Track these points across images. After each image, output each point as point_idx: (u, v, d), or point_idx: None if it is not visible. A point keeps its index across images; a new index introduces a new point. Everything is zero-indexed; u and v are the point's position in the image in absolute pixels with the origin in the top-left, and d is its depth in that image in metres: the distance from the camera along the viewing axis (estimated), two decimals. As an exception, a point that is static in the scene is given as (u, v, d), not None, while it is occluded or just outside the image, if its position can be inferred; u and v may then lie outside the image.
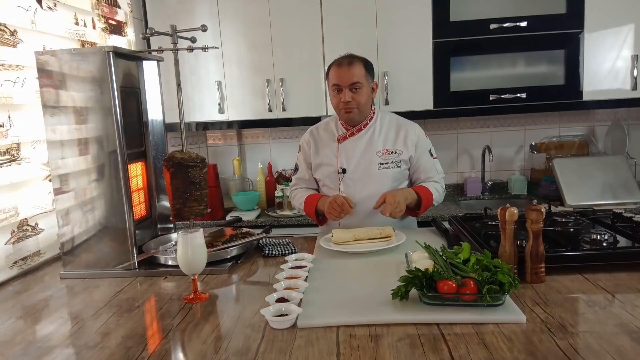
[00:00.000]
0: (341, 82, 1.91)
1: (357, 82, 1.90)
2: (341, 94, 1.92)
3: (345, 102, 1.91)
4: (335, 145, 2.03)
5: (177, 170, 1.67)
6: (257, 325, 1.20)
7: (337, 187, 2.02)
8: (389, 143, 2.01)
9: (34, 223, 1.87)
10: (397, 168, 1.99)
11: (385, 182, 1.98)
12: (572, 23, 2.73)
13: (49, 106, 1.67)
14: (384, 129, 2.03)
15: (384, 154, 1.99)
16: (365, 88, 1.93)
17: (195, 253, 1.36)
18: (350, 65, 1.91)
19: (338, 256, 1.67)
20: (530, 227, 1.37)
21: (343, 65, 1.92)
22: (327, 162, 2.04)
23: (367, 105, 1.98)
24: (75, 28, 2.21)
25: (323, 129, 2.10)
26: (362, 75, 1.92)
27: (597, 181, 2.76)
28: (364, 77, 1.92)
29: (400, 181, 2.04)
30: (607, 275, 1.40)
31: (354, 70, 1.90)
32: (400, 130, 2.03)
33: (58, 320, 1.35)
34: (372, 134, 2.02)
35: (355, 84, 1.90)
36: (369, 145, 2.00)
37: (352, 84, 1.90)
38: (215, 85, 2.95)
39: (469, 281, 1.18)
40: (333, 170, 2.02)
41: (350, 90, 1.90)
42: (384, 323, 1.15)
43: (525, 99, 2.80)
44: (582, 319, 1.14)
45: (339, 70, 1.92)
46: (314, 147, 2.08)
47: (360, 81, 1.91)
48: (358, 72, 1.91)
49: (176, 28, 1.69)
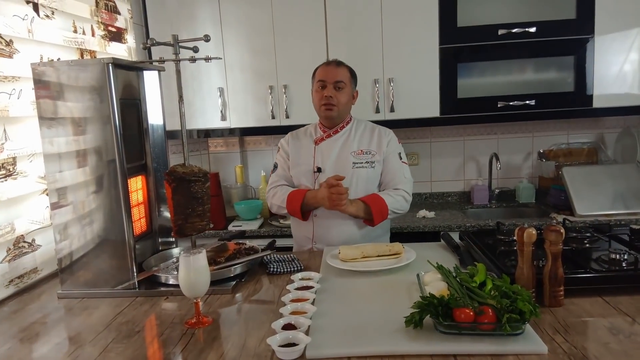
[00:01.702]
0: (327, 78, 2.00)
1: (341, 80, 2.00)
2: (324, 90, 2.00)
3: (327, 96, 1.98)
4: (312, 146, 2.11)
5: (178, 185, 1.61)
6: (264, 355, 1.14)
7: (313, 185, 2.07)
8: (364, 144, 2.08)
9: (30, 239, 1.81)
10: (370, 168, 2.05)
11: (359, 180, 2.04)
12: (582, 28, 2.67)
13: (45, 118, 1.61)
14: (360, 131, 2.12)
15: (358, 154, 2.06)
16: (347, 89, 2.03)
17: (198, 276, 1.30)
18: (338, 66, 2.04)
19: (346, 275, 1.61)
20: (549, 249, 1.30)
21: (331, 64, 2.05)
22: (304, 162, 2.10)
23: (347, 107, 2.07)
24: (73, 36, 2.15)
25: (302, 133, 2.19)
26: (347, 77, 2.03)
27: (607, 190, 2.69)
28: (348, 80, 2.04)
29: (374, 182, 2.09)
30: (628, 299, 1.34)
31: (340, 71, 2.02)
32: (374, 132, 2.12)
33: (55, 345, 1.29)
34: (348, 136, 2.10)
35: (339, 83, 2.00)
36: (344, 146, 2.08)
37: (337, 81, 1.99)
38: (217, 92, 2.89)
39: (487, 309, 1.12)
40: (309, 170, 2.08)
41: (334, 87, 1.99)
42: (398, 354, 1.09)
43: (534, 105, 2.74)
44: (607, 350, 1.08)
45: (327, 68, 2.03)
46: (292, 147, 2.15)
47: (344, 81, 2.01)
48: (343, 74, 2.02)
49: (178, 38, 1.63)
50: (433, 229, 2.64)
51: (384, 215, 1.96)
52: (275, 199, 2.10)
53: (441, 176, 3.27)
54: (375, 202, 1.95)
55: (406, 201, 2.04)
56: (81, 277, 1.65)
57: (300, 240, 2.18)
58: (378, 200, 1.96)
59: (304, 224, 2.09)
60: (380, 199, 1.97)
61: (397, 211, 2.00)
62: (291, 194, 2.03)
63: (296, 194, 2.02)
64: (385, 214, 1.96)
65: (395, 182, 2.05)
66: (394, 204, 1.98)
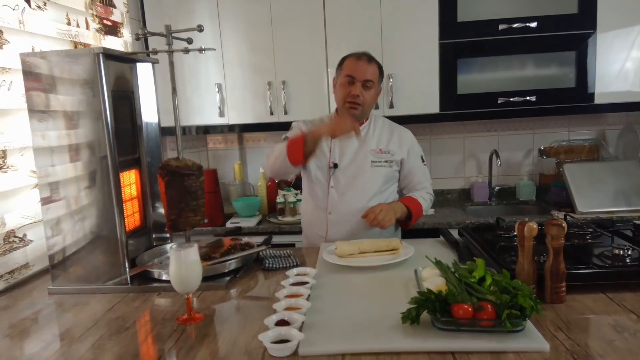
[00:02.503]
0: (357, 74, 1.88)
1: (371, 79, 1.90)
2: (352, 87, 1.89)
3: (354, 95, 1.88)
4: (328, 139, 1.92)
5: (172, 179, 1.57)
6: (255, 352, 1.10)
7: (327, 181, 1.99)
8: (383, 143, 2.01)
9: (22, 234, 1.78)
10: (389, 168, 1.99)
11: (376, 180, 1.97)
12: (584, 23, 2.63)
13: (36, 111, 1.58)
14: (378, 130, 2.04)
15: (377, 153, 1.99)
16: (374, 89, 1.93)
17: (189, 271, 1.26)
18: (370, 62, 1.91)
19: (342, 271, 1.57)
20: (550, 244, 1.27)
21: (362, 59, 1.91)
22: (319, 155, 1.95)
23: (370, 106, 1.98)
24: (67, 28, 2.12)
25: (318, 122, 2.05)
26: (376, 76, 1.92)
27: (609, 187, 2.66)
28: (377, 78, 1.93)
29: (391, 181, 2.03)
30: (632, 295, 1.30)
31: (371, 68, 1.91)
32: (393, 132, 2.04)
33: (45, 341, 1.26)
34: (367, 134, 2.01)
35: (368, 82, 1.89)
36: (363, 143, 1.99)
37: (366, 80, 1.89)
38: (215, 88, 2.85)
39: (487, 305, 1.09)
40: (325, 165, 1.99)
41: (363, 86, 1.89)
42: (394, 351, 1.06)
43: (535, 102, 2.71)
44: (612, 348, 1.04)
45: (358, 63, 1.90)
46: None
47: (373, 80, 1.91)
48: (374, 72, 1.91)
49: (171, 28, 1.59)
50: (432, 226, 2.61)
51: (418, 218, 2.00)
52: (274, 151, 1.89)
53: (441, 173, 3.23)
54: (415, 207, 1.96)
55: (431, 203, 2.08)
56: (73, 273, 1.62)
57: (312, 237, 2.07)
58: (416, 206, 1.97)
59: (317, 221, 2.01)
60: (418, 203, 1.97)
61: (424, 213, 2.04)
62: (291, 139, 1.82)
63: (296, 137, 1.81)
64: (420, 216, 2.00)
65: (422, 185, 2.04)
66: (425, 206, 2.01)
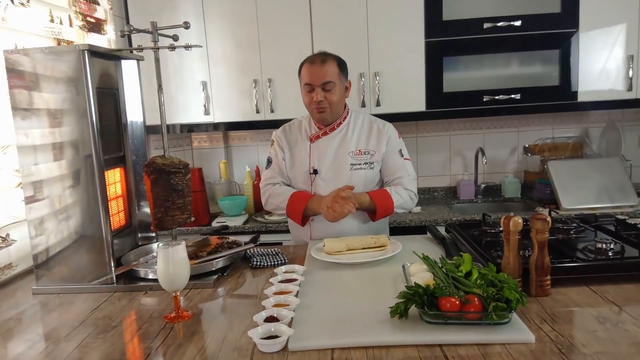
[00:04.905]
0: (313, 81, 1.84)
1: (329, 81, 1.84)
2: (313, 93, 1.85)
3: (317, 101, 1.85)
4: (307, 144, 1.97)
5: (158, 176, 1.55)
6: (244, 348, 1.10)
7: (309, 188, 1.96)
8: (362, 143, 1.96)
9: (4, 234, 1.75)
10: (369, 169, 1.94)
11: (357, 183, 1.90)
12: (567, 22, 2.67)
13: (19, 109, 1.55)
14: (357, 128, 1.99)
15: (356, 155, 1.94)
16: (338, 87, 1.87)
17: (177, 268, 1.25)
18: (324, 63, 1.85)
19: (331, 267, 1.58)
20: (535, 237, 1.29)
21: (316, 63, 1.86)
22: (299, 162, 1.97)
23: (339, 104, 1.93)
24: (50, 26, 2.09)
25: (296, 127, 2.04)
26: (335, 74, 1.86)
27: (592, 184, 2.70)
28: (337, 76, 1.87)
29: (372, 183, 1.98)
30: (614, 287, 1.32)
31: (327, 69, 1.84)
32: (372, 129, 1.99)
33: (29, 341, 1.24)
34: (345, 134, 1.97)
35: (327, 83, 1.84)
36: (342, 146, 1.95)
37: (324, 83, 1.84)
38: (200, 86, 2.84)
39: (473, 298, 1.10)
40: (305, 171, 1.96)
41: (323, 89, 1.84)
42: (383, 345, 1.06)
43: (519, 100, 2.74)
44: (594, 338, 1.06)
45: (312, 68, 1.85)
46: (286, 144, 2.01)
47: (333, 80, 1.85)
48: (331, 71, 1.85)
49: (157, 25, 1.58)
50: (419, 223, 2.62)
51: (387, 212, 1.90)
52: (273, 198, 1.95)
53: (427, 171, 3.26)
54: (381, 200, 1.87)
55: (412, 200, 1.96)
56: (57, 273, 1.60)
57: (298, 241, 2.08)
58: (385, 198, 1.88)
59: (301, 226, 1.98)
60: (388, 197, 1.88)
61: (401, 209, 1.94)
62: (293, 196, 1.90)
63: (299, 196, 1.90)
64: (389, 211, 1.89)
65: (398, 180, 1.95)
66: (399, 202, 1.90)
